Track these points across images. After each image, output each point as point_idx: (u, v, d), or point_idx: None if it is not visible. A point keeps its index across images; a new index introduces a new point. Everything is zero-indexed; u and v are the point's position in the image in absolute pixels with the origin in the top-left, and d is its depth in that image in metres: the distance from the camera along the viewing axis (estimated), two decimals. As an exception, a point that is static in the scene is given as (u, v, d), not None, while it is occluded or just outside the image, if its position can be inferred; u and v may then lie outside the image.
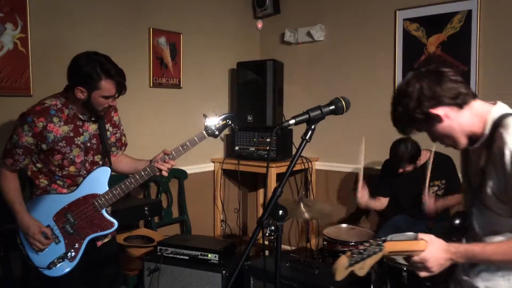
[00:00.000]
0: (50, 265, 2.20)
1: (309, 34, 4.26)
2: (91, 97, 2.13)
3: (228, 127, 2.37)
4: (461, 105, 1.49)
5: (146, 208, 3.30)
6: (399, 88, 1.57)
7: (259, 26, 4.72)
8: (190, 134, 2.41)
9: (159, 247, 2.99)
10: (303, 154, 3.33)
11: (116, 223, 2.31)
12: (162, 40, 3.84)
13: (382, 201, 3.49)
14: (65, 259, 2.23)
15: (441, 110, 1.49)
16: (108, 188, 2.28)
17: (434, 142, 1.62)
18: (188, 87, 4.08)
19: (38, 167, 2.24)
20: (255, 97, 4.10)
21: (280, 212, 1.53)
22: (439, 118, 1.50)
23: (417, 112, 1.50)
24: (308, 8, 4.36)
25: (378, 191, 3.49)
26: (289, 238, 4.53)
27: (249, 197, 4.78)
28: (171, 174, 3.91)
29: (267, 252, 3.14)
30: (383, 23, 3.88)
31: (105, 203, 2.27)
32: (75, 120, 2.23)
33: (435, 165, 3.21)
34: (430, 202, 3.12)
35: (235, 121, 2.36)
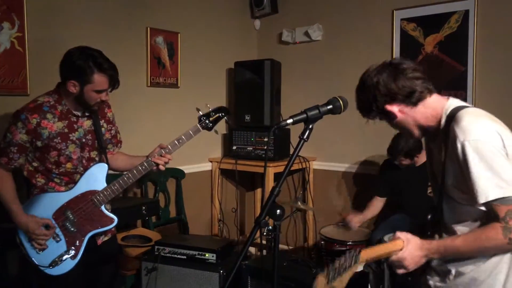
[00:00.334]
0: (52, 264, 2.19)
1: (307, 34, 4.26)
2: (84, 91, 2.13)
3: (221, 120, 2.38)
4: (415, 103, 1.57)
5: (144, 208, 3.29)
6: (361, 78, 1.66)
7: (257, 26, 4.72)
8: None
9: (157, 247, 2.99)
10: (301, 154, 3.33)
11: (116, 219, 2.31)
12: (160, 40, 3.84)
13: (378, 203, 3.49)
14: (67, 257, 2.22)
15: (395, 107, 1.58)
16: (106, 184, 2.28)
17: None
18: (186, 87, 4.07)
19: (34, 166, 2.24)
20: (253, 97, 4.10)
21: (278, 212, 1.53)
22: (393, 114, 1.59)
23: (373, 106, 1.60)
24: (306, 8, 4.36)
25: (375, 191, 3.50)
26: (287, 238, 4.53)
27: (247, 197, 4.78)
28: (169, 174, 3.92)
29: (265, 252, 3.14)
30: (381, 23, 3.89)
31: (104, 199, 2.27)
32: (69, 116, 2.23)
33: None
34: None
35: (228, 114, 2.39)
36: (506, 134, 1.48)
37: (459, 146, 1.44)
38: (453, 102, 1.59)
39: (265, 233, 1.58)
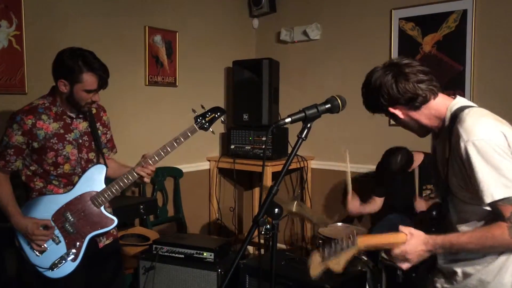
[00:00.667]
0: (52, 267, 2.17)
1: (305, 33, 4.26)
2: (73, 91, 2.14)
3: (217, 120, 2.37)
4: (418, 107, 1.58)
5: (142, 207, 3.29)
6: (367, 77, 1.65)
7: (255, 25, 4.72)
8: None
9: (155, 246, 2.99)
10: (299, 153, 3.34)
11: (116, 220, 2.29)
12: (158, 38, 3.83)
13: (376, 203, 3.49)
14: (67, 259, 2.19)
15: (398, 110, 1.60)
16: (105, 185, 2.27)
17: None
18: (184, 86, 4.07)
19: (32, 170, 2.23)
20: (251, 96, 4.10)
21: (276, 210, 1.53)
22: (396, 116, 1.61)
23: (378, 106, 1.62)
24: (304, 7, 4.36)
25: (374, 192, 3.50)
26: (284, 237, 4.53)
27: (245, 196, 4.78)
28: (167, 173, 3.91)
29: (263, 251, 3.14)
30: (379, 22, 3.89)
31: (104, 201, 2.25)
32: (64, 117, 2.24)
33: (428, 169, 3.23)
34: (422, 206, 3.15)
35: (224, 113, 2.38)
36: (511, 134, 1.47)
37: (463, 146, 1.44)
38: (460, 101, 1.58)
39: (263, 232, 1.58)
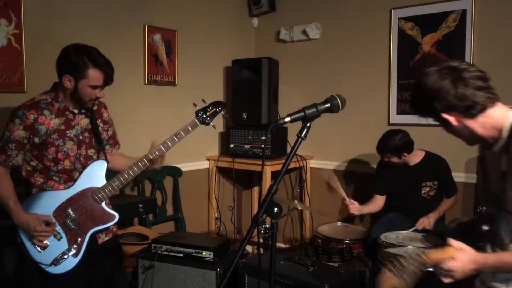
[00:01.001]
0: (54, 262, 2.18)
1: (305, 32, 4.26)
2: (78, 87, 2.14)
3: (219, 115, 2.36)
4: (474, 115, 1.47)
5: (141, 206, 3.29)
6: (420, 79, 1.53)
7: (255, 24, 4.72)
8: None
9: (154, 245, 2.99)
10: (298, 152, 3.33)
11: (117, 216, 2.28)
12: (157, 37, 3.83)
13: (378, 201, 3.49)
14: (69, 255, 2.20)
15: (452, 117, 1.49)
16: (106, 181, 2.27)
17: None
18: (183, 85, 4.07)
19: (33, 166, 2.23)
20: (250, 95, 4.10)
21: (275, 210, 1.53)
22: (449, 123, 1.51)
23: (430, 111, 1.51)
24: (304, 6, 4.36)
25: (375, 190, 3.50)
26: (284, 236, 4.53)
27: (244, 195, 4.78)
28: (166, 172, 3.91)
29: (262, 250, 3.14)
30: (378, 22, 3.89)
31: (105, 196, 2.25)
32: (66, 113, 2.24)
33: (428, 166, 3.24)
34: (426, 225, 3.17)
35: (225, 107, 2.36)
36: None
37: None
38: None
39: (263, 231, 1.58)
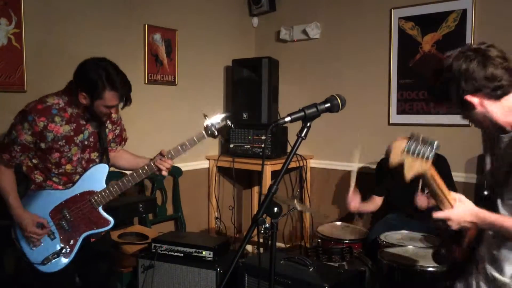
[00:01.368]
0: (44, 261, 2.20)
1: (305, 32, 4.26)
2: (94, 105, 2.12)
3: (227, 127, 2.34)
4: (499, 96, 1.46)
5: (141, 205, 3.29)
6: (446, 61, 1.50)
7: (255, 23, 4.72)
8: (185, 131, 2.40)
9: (154, 244, 2.99)
10: (298, 152, 3.33)
11: (112, 221, 2.30)
12: (157, 37, 3.83)
13: (376, 201, 3.49)
14: (60, 255, 2.22)
15: (477, 99, 1.47)
16: (105, 186, 2.27)
17: (463, 119, 1.61)
18: (183, 84, 4.06)
19: (34, 163, 2.23)
20: (250, 95, 4.10)
21: (275, 210, 1.53)
22: (473, 106, 1.48)
23: (454, 94, 1.48)
24: (304, 6, 4.36)
25: (373, 191, 3.50)
26: (284, 236, 4.53)
27: (244, 195, 4.78)
28: (166, 171, 3.91)
29: (262, 250, 3.14)
30: (379, 22, 3.89)
31: (102, 201, 2.26)
32: (78, 119, 2.21)
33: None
34: (423, 203, 3.13)
35: (234, 122, 2.35)
36: None
37: None
38: None
39: (262, 231, 1.58)
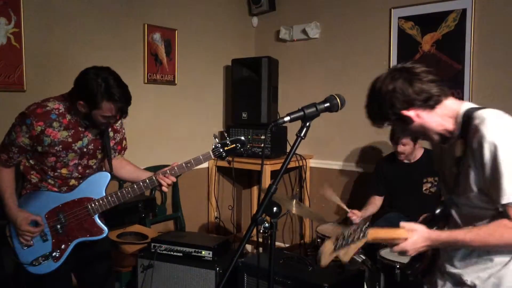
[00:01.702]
0: (34, 262, 2.19)
1: (304, 32, 4.26)
2: (92, 114, 2.11)
3: (236, 151, 2.32)
4: (433, 106, 1.54)
5: (140, 205, 3.29)
6: (374, 85, 1.61)
7: (254, 23, 4.71)
8: (184, 131, 2.41)
9: (153, 244, 2.99)
10: (298, 152, 3.33)
11: (106, 231, 2.28)
12: (157, 36, 3.83)
13: (376, 202, 3.49)
14: (49, 259, 2.21)
15: (413, 112, 1.54)
16: (105, 194, 2.26)
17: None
18: (183, 84, 4.06)
19: (31, 163, 2.23)
20: (250, 94, 4.10)
21: (275, 209, 1.53)
22: (411, 119, 1.55)
23: (390, 113, 1.56)
24: (304, 6, 4.36)
25: (374, 190, 3.50)
26: (283, 235, 4.53)
27: (243, 194, 4.78)
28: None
29: (261, 249, 3.14)
30: (378, 21, 3.89)
31: (99, 209, 2.25)
32: (77, 126, 2.20)
33: (428, 162, 3.23)
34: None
35: (245, 146, 2.32)
36: None
37: (487, 146, 1.41)
38: (468, 104, 1.57)
39: (262, 231, 1.58)
